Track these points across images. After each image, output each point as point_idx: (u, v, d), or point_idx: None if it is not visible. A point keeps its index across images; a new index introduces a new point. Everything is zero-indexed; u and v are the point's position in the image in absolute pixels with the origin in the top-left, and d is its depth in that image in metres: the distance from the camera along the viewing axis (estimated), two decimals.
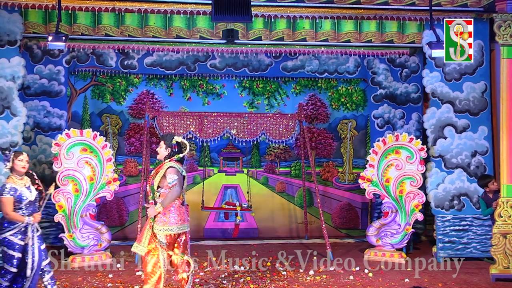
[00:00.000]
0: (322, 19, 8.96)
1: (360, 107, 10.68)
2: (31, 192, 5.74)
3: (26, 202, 5.67)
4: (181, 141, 5.93)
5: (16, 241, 5.63)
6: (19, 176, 5.73)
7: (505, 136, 7.36)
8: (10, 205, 5.59)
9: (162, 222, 5.71)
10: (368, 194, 8.89)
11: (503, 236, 7.26)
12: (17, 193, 5.64)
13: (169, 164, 5.77)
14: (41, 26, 8.51)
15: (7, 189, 5.61)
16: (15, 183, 5.68)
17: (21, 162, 5.70)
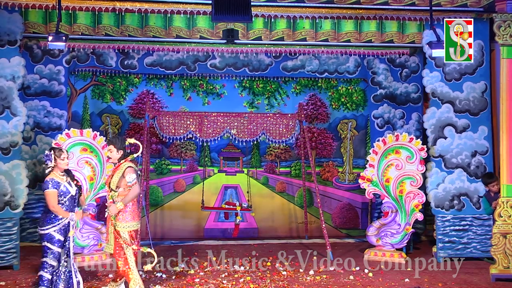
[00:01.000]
0: (322, 19, 8.96)
1: (360, 107, 10.68)
2: (72, 187, 5.84)
3: (68, 197, 5.79)
4: (134, 142, 6.27)
5: (58, 236, 5.78)
6: (61, 172, 5.82)
7: (505, 136, 7.36)
8: (55, 199, 5.70)
9: (124, 220, 6.12)
10: (368, 194, 8.89)
11: (503, 236, 7.26)
12: (60, 187, 5.74)
13: (127, 164, 6.13)
14: (41, 26, 8.51)
15: (51, 183, 5.70)
16: (57, 177, 5.77)
17: (64, 160, 5.81)
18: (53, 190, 5.70)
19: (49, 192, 5.69)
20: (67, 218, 5.78)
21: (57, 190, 5.72)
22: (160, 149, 10.41)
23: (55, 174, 5.78)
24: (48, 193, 5.69)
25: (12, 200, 7.86)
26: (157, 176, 10.41)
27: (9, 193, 7.84)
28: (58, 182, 5.75)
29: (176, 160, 10.53)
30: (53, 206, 5.71)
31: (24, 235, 9.17)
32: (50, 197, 5.69)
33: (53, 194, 5.69)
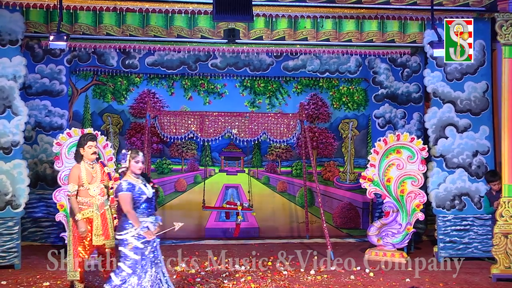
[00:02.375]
0: (323, 18, 8.95)
1: (361, 106, 10.67)
2: (148, 189, 5.53)
3: (145, 199, 5.46)
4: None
5: (135, 243, 5.41)
6: (135, 175, 5.53)
7: (507, 136, 7.35)
8: (129, 202, 5.36)
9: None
10: (369, 193, 8.89)
11: (504, 236, 7.25)
12: (136, 189, 5.41)
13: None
14: (42, 26, 8.51)
15: (125, 186, 5.38)
16: (131, 179, 5.47)
17: (138, 164, 5.50)
18: (127, 193, 5.35)
19: (123, 195, 5.35)
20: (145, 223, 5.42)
21: (131, 193, 5.38)
22: (161, 149, 10.41)
23: (129, 176, 5.48)
24: (121, 197, 5.36)
25: (13, 199, 7.87)
26: (158, 176, 10.41)
27: (10, 193, 7.85)
28: (133, 184, 5.42)
29: (177, 159, 10.53)
30: (128, 211, 5.35)
31: (25, 235, 9.17)
32: (123, 200, 5.34)
33: (127, 197, 5.34)
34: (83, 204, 6.23)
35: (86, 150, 6.27)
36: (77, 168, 6.27)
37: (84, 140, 6.29)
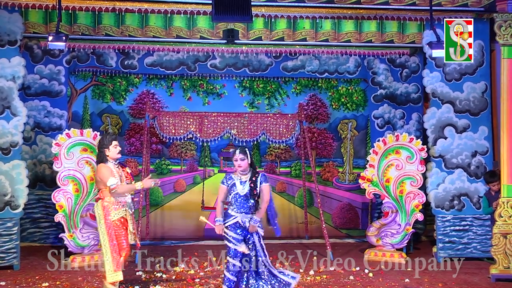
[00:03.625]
0: (323, 19, 8.96)
1: (360, 107, 10.67)
2: (243, 188, 5.92)
3: (234, 194, 5.92)
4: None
5: (230, 233, 5.90)
6: (242, 172, 5.95)
7: (506, 136, 7.35)
8: (221, 194, 5.98)
9: None
10: (368, 194, 8.89)
11: (504, 236, 7.26)
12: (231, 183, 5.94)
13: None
14: (41, 26, 8.51)
15: (226, 178, 6.00)
16: (236, 174, 5.97)
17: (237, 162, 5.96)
18: (222, 185, 5.96)
19: (219, 186, 6.00)
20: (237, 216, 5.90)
21: (226, 187, 5.94)
22: (160, 149, 10.40)
23: (236, 173, 5.98)
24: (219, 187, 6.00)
25: (12, 200, 7.87)
26: (157, 176, 10.39)
27: (9, 193, 7.84)
28: (232, 178, 5.94)
29: (176, 160, 10.52)
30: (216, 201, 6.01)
31: (24, 235, 9.16)
32: (218, 191, 5.99)
33: (221, 189, 5.97)
34: (117, 203, 6.23)
35: (112, 150, 6.27)
36: (107, 166, 6.25)
37: (108, 141, 6.29)
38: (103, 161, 6.30)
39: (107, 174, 6.18)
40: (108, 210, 6.20)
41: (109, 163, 6.29)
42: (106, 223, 6.20)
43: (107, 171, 6.21)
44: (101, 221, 6.22)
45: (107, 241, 6.18)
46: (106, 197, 6.23)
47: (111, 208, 6.21)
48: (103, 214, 6.21)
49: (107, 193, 6.22)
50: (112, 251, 6.17)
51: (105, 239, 6.19)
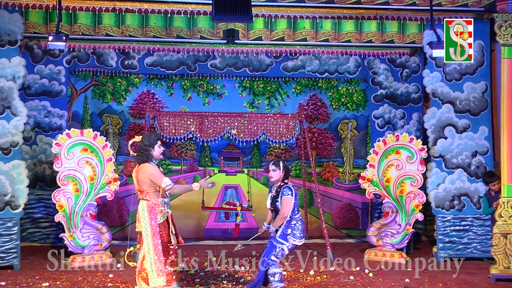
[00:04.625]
0: (323, 19, 8.96)
1: (360, 107, 10.67)
2: (268, 199, 6.48)
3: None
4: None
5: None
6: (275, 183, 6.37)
7: (506, 136, 7.35)
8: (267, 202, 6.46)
9: None
10: (369, 194, 8.89)
11: (504, 236, 7.26)
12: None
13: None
14: (41, 26, 8.51)
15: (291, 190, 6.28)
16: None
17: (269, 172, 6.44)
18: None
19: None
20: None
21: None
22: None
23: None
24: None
25: (13, 200, 7.87)
26: None
27: (9, 193, 7.85)
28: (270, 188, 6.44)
29: (176, 160, 10.53)
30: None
31: (24, 235, 9.16)
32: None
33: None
34: (163, 204, 6.09)
35: (156, 149, 6.13)
36: (155, 166, 6.10)
37: (154, 140, 6.14)
38: (147, 161, 6.08)
39: (159, 174, 6.01)
40: (154, 212, 6.00)
41: (152, 162, 6.13)
42: (151, 225, 5.97)
43: (158, 171, 6.04)
44: (146, 223, 5.98)
45: (151, 244, 5.94)
46: (152, 199, 6.04)
47: (157, 210, 6.02)
48: (149, 216, 5.97)
49: (154, 195, 6.04)
50: (156, 255, 5.93)
51: (149, 242, 5.94)
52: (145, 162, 6.07)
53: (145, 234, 5.98)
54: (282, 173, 6.25)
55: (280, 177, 6.26)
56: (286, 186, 6.23)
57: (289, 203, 6.16)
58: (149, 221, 5.98)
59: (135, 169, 6.19)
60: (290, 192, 6.18)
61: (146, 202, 6.03)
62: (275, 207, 6.26)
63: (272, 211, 6.34)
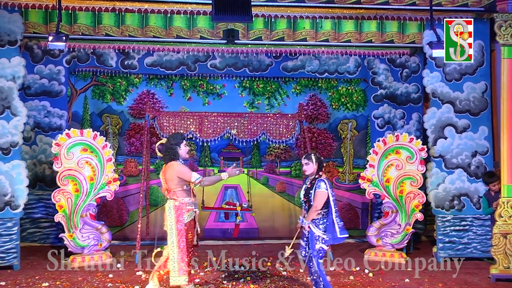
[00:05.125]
0: (323, 19, 8.96)
1: (360, 107, 10.67)
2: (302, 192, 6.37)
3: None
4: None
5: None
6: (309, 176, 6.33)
7: (506, 136, 7.36)
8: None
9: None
10: (368, 194, 8.89)
11: (504, 236, 7.26)
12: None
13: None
14: (41, 26, 8.51)
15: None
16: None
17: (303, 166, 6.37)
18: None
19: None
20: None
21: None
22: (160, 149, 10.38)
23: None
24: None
25: (12, 200, 7.87)
26: (157, 176, 10.34)
27: (9, 193, 7.85)
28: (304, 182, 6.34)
29: None
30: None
31: (24, 235, 9.16)
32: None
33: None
34: (190, 204, 6.16)
35: (182, 148, 6.21)
36: (181, 164, 6.18)
37: (179, 139, 6.22)
38: (174, 159, 6.16)
39: (187, 170, 6.09)
40: (181, 211, 6.06)
41: (179, 161, 6.19)
42: (178, 224, 6.03)
43: (185, 167, 6.14)
44: (172, 222, 6.04)
45: (176, 243, 6.01)
46: (180, 197, 6.10)
47: (184, 209, 6.08)
48: (175, 215, 6.04)
49: (182, 193, 6.10)
50: (180, 254, 6.00)
51: (174, 240, 6.01)
52: (172, 161, 6.17)
53: (170, 232, 6.06)
54: (315, 165, 6.23)
55: (314, 170, 6.23)
56: (321, 179, 6.20)
57: (322, 196, 6.10)
58: (175, 220, 6.05)
59: (162, 169, 6.30)
60: (324, 186, 6.15)
61: (173, 202, 6.11)
62: (308, 199, 6.19)
63: (305, 202, 6.24)
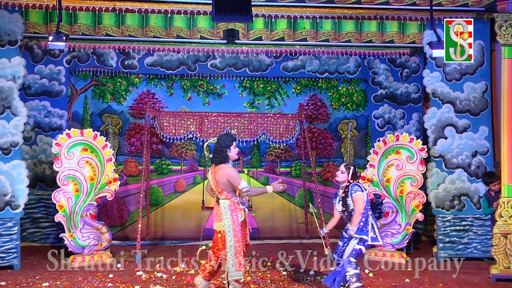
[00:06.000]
0: (323, 19, 8.95)
1: (360, 107, 10.67)
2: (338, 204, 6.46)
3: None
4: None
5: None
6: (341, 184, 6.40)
7: (506, 136, 7.35)
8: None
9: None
10: (369, 194, 8.86)
11: (504, 236, 7.25)
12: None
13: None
14: (41, 26, 8.50)
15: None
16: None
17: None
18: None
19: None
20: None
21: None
22: (161, 149, 10.41)
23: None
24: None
25: (13, 200, 7.87)
26: (158, 176, 10.41)
27: (9, 193, 7.85)
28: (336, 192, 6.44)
29: (176, 160, 10.52)
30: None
31: (24, 235, 9.16)
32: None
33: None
34: (241, 204, 6.25)
35: (232, 150, 6.25)
36: (234, 168, 6.28)
37: (229, 141, 6.25)
38: (224, 162, 6.23)
39: (238, 176, 6.18)
40: (236, 210, 6.19)
41: (229, 163, 6.25)
42: (234, 223, 6.17)
43: (236, 173, 6.22)
44: (228, 221, 6.18)
45: (233, 241, 6.17)
46: (232, 197, 6.22)
47: (237, 209, 6.21)
48: (231, 215, 6.18)
49: (232, 194, 6.22)
50: (237, 251, 6.16)
51: (231, 239, 6.16)
52: (223, 163, 6.24)
53: (228, 232, 6.19)
54: (348, 177, 6.31)
55: (345, 179, 6.31)
56: (354, 183, 6.25)
57: (361, 199, 6.17)
58: (231, 219, 6.18)
59: (211, 170, 6.38)
60: (359, 189, 6.22)
61: (228, 201, 6.22)
62: (347, 207, 6.25)
63: (344, 211, 6.31)
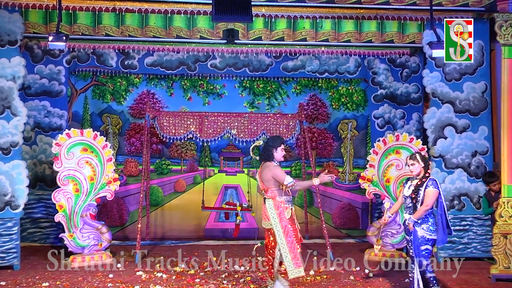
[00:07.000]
0: (323, 19, 8.96)
1: (360, 107, 10.67)
2: (408, 189, 6.18)
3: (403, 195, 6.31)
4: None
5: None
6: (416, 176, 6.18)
7: (506, 136, 7.35)
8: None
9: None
10: (369, 194, 8.89)
11: (504, 236, 7.26)
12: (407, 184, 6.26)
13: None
14: (41, 26, 8.51)
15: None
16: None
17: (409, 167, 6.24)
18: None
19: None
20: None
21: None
22: (161, 149, 10.41)
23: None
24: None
25: (13, 200, 7.87)
26: (158, 176, 10.41)
27: (9, 193, 7.85)
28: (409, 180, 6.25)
29: (176, 160, 10.53)
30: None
31: (24, 235, 9.17)
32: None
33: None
34: (287, 202, 6.34)
35: (279, 151, 6.40)
36: (276, 165, 6.38)
37: (278, 143, 6.41)
38: (269, 160, 6.40)
39: (282, 172, 6.33)
40: (282, 208, 6.28)
41: (274, 162, 6.40)
42: (281, 221, 6.26)
43: (280, 169, 6.36)
44: (276, 220, 6.27)
45: (284, 239, 6.23)
46: (277, 196, 6.31)
47: (283, 207, 6.29)
48: (277, 213, 6.28)
49: (278, 193, 6.31)
50: (290, 248, 6.22)
51: (282, 237, 6.24)
52: (268, 161, 6.40)
53: (277, 231, 6.26)
54: (421, 164, 6.16)
55: (421, 170, 6.15)
56: (432, 179, 6.15)
57: (434, 196, 6.08)
58: (278, 218, 6.27)
59: (259, 169, 6.54)
60: (436, 185, 6.11)
61: (273, 201, 6.32)
62: (416, 196, 6.11)
63: (413, 199, 6.14)
